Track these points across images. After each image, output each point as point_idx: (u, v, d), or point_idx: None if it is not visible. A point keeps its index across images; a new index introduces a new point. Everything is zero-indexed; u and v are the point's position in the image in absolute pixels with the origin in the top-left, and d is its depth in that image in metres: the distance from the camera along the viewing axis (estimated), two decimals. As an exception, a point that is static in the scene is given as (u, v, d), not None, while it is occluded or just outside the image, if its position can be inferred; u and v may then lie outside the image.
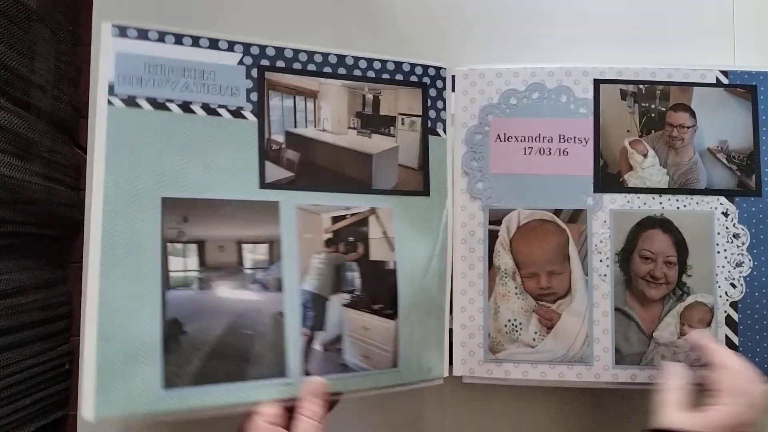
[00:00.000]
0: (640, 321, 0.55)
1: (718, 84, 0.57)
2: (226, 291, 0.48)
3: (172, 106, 0.50)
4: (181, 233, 0.48)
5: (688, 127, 0.57)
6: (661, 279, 0.55)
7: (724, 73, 0.57)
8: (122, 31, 0.49)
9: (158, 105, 0.49)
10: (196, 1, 0.65)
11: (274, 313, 0.49)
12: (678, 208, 0.56)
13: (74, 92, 1.29)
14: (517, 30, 0.62)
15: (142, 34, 0.50)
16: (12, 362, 1.09)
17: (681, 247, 0.56)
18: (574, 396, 0.58)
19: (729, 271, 0.56)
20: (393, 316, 0.54)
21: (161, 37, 0.50)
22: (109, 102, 0.48)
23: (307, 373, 0.49)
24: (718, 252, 0.56)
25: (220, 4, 0.65)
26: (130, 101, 0.49)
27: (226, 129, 0.51)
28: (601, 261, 0.56)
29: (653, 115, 0.57)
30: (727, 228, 0.56)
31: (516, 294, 0.56)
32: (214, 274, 0.48)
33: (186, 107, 0.50)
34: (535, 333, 0.55)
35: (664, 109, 0.57)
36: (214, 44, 0.52)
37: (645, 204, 0.56)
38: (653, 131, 0.57)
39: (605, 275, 0.56)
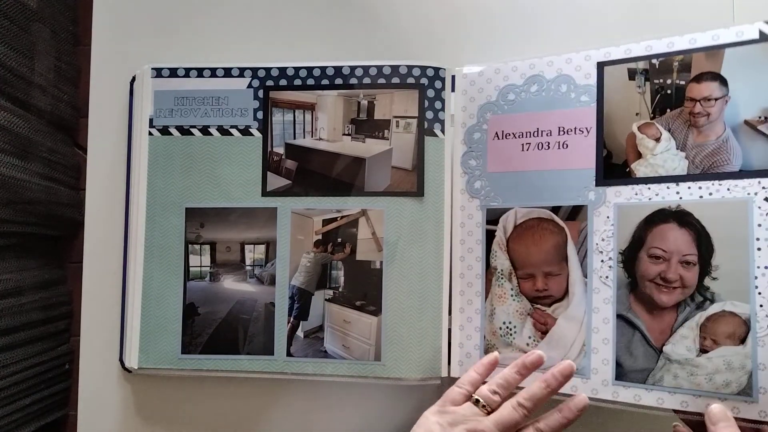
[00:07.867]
0: (646, 331, 0.48)
1: (762, 38, 0.46)
2: (230, 283, 0.59)
3: (195, 131, 0.60)
4: (198, 236, 0.59)
5: (717, 99, 0.48)
6: (675, 282, 0.47)
7: None
8: (158, 72, 0.60)
9: (184, 131, 0.60)
10: (195, 2, 0.64)
11: (267, 303, 0.58)
12: (701, 197, 0.47)
13: (74, 92, 1.29)
14: (517, 30, 0.61)
15: (173, 72, 0.60)
16: (12, 362, 1.09)
17: (703, 243, 0.46)
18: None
19: None
20: (376, 312, 0.56)
21: (187, 73, 0.60)
22: (150, 133, 0.59)
23: (290, 355, 0.57)
24: (759, 249, 0.44)
25: (218, 2, 0.64)
26: (164, 130, 0.60)
27: (236, 146, 0.59)
28: (602, 261, 0.50)
29: (669, 91, 0.49)
30: None
31: (512, 296, 0.54)
32: (222, 270, 0.59)
33: (205, 131, 0.60)
34: (529, 338, 0.52)
35: (683, 82, 0.49)
36: (228, 72, 0.59)
37: (657, 195, 0.48)
38: (668, 110, 0.49)
39: (607, 277, 0.50)
